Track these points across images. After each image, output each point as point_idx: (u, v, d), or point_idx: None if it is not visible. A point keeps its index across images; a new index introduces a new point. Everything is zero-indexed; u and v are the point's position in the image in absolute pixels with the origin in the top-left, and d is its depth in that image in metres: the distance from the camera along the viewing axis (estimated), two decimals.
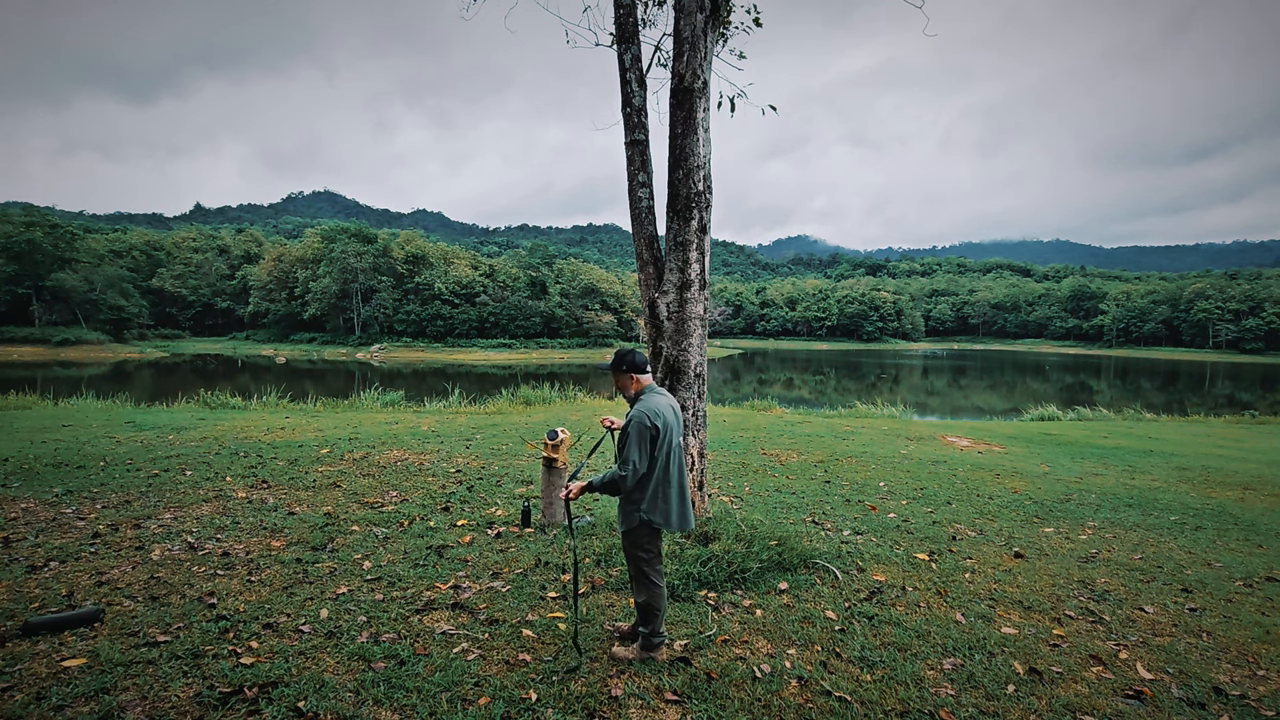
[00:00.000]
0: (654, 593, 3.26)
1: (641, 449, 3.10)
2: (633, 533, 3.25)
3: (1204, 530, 6.14)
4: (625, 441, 3.13)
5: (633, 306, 78.19)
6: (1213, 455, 10.77)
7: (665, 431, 3.16)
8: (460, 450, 8.51)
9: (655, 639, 3.28)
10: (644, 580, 3.26)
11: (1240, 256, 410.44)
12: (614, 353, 3.40)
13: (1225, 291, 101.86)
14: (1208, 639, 3.79)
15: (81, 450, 7.82)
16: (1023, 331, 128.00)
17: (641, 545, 3.26)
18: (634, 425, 3.11)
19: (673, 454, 3.23)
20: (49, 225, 59.55)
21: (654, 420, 3.12)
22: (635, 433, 3.10)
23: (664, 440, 3.16)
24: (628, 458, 3.09)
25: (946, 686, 3.15)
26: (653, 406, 3.18)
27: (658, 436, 3.13)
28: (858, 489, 7.20)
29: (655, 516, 3.20)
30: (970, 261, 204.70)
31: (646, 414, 3.13)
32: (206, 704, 2.79)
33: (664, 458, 3.18)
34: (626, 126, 5.32)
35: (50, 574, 4.11)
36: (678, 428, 3.28)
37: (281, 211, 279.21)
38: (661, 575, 3.32)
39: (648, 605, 3.25)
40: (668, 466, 3.21)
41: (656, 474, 3.18)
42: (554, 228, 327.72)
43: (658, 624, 3.28)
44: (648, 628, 3.29)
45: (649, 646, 3.29)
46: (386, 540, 4.93)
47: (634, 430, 3.10)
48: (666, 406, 3.24)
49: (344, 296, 70.38)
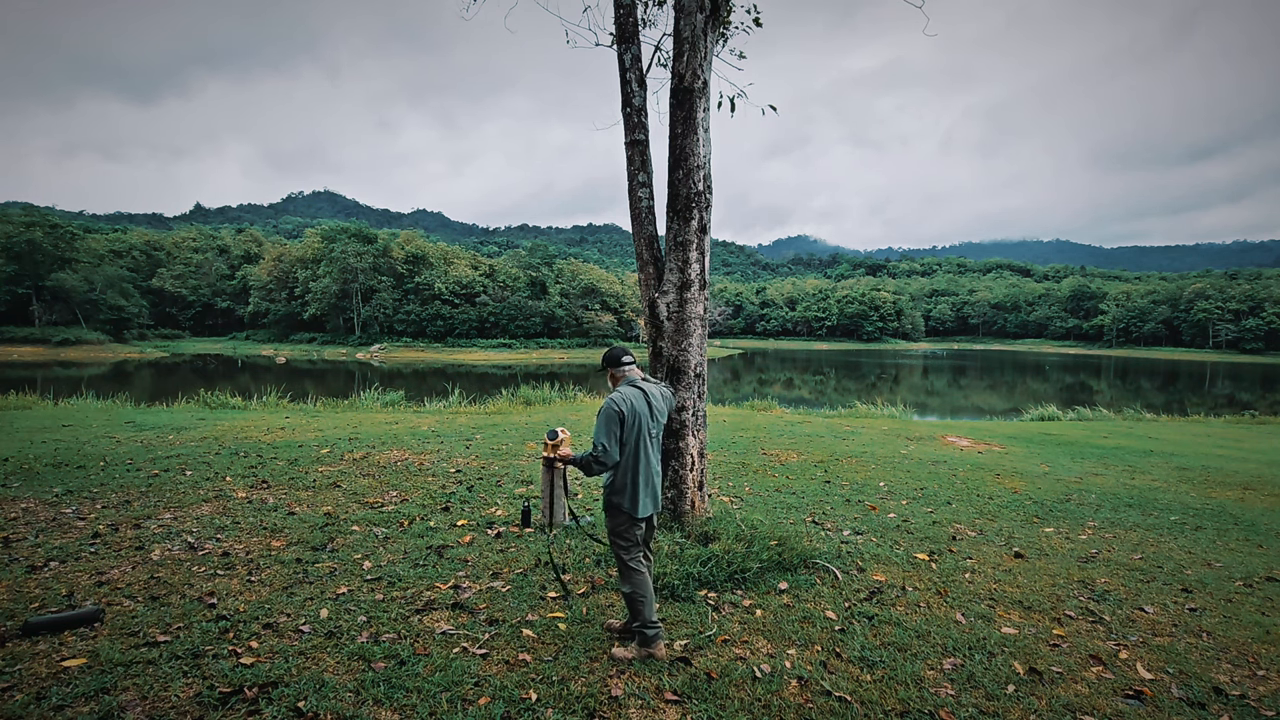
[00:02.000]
0: (636, 580, 3.30)
1: (609, 434, 3.23)
2: (610, 518, 3.38)
3: (1204, 530, 6.14)
4: (596, 426, 3.31)
5: (633, 306, 78.19)
6: (1213, 455, 10.77)
7: (632, 417, 3.29)
8: (460, 450, 8.51)
9: (650, 631, 3.29)
10: (624, 569, 3.33)
11: (1240, 256, 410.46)
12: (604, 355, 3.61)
13: (1225, 291, 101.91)
14: (1208, 639, 3.79)
15: (81, 450, 7.82)
16: (1023, 331, 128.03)
17: (619, 531, 3.36)
18: (602, 411, 3.29)
19: (641, 441, 3.33)
20: (49, 225, 59.56)
21: (619, 406, 3.27)
22: (603, 418, 3.26)
23: (631, 426, 3.28)
24: (595, 440, 3.26)
25: (946, 686, 3.15)
26: (623, 394, 3.35)
27: (624, 421, 3.26)
28: (858, 489, 7.20)
29: (624, 502, 3.32)
30: (970, 261, 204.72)
31: (613, 400, 3.30)
32: (206, 704, 2.79)
33: (632, 444, 3.31)
34: (626, 126, 5.32)
35: (50, 574, 4.11)
36: (648, 416, 3.39)
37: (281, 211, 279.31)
38: (641, 563, 3.38)
39: (632, 595, 3.29)
40: (637, 453, 3.32)
41: (625, 460, 3.31)
42: (554, 228, 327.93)
43: (647, 613, 3.29)
44: (638, 619, 3.30)
45: (645, 640, 3.29)
46: (386, 540, 4.93)
47: (601, 416, 3.28)
48: (636, 395, 3.37)
49: (344, 296, 70.40)
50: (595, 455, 3.23)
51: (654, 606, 3.36)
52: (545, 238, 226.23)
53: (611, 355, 3.52)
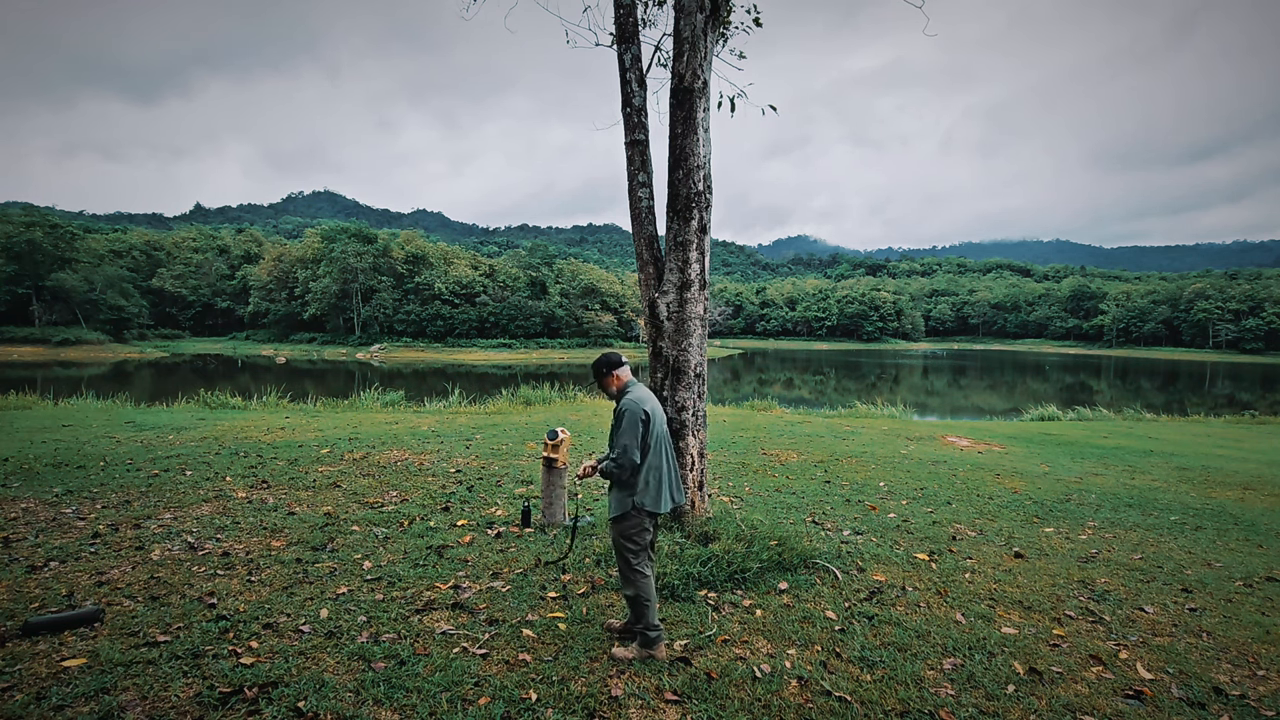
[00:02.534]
0: (641, 584, 3.30)
1: (635, 437, 3.27)
2: (624, 519, 3.34)
3: (1204, 530, 6.14)
4: (618, 429, 3.32)
5: (633, 306, 78.18)
6: (1213, 455, 10.77)
7: (653, 418, 3.36)
8: (460, 450, 8.51)
9: (652, 633, 3.29)
10: (629, 572, 3.32)
11: (1240, 256, 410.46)
12: (595, 362, 3.59)
13: (1225, 291, 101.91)
14: (1208, 639, 3.79)
15: (81, 450, 7.82)
16: (1023, 331, 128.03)
17: (630, 535, 3.34)
18: (627, 415, 3.29)
19: (661, 439, 3.42)
20: (49, 225, 59.56)
21: (644, 407, 3.33)
22: (629, 422, 3.28)
23: (652, 426, 3.35)
24: (621, 443, 3.27)
25: (946, 686, 3.15)
26: (640, 395, 3.40)
27: (649, 423, 3.32)
28: (858, 489, 7.20)
29: (647, 501, 3.32)
30: (970, 262, 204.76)
31: (636, 402, 3.33)
32: (206, 704, 2.78)
33: (655, 443, 3.36)
34: (626, 126, 5.32)
35: (50, 574, 4.11)
36: (662, 415, 3.50)
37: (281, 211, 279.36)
38: (647, 565, 3.39)
39: (636, 598, 3.30)
40: (660, 450, 3.40)
41: (650, 459, 3.34)
42: (554, 228, 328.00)
43: (650, 616, 3.29)
44: (641, 622, 3.31)
45: (647, 643, 3.29)
46: (386, 540, 4.92)
47: (628, 419, 3.29)
48: (650, 395, 3.47)
49: (344, 296, 70.39)
50: (622, 462, 3.26)
51: (657, 609, 3.37)
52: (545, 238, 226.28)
53: (612, 359, 3.52)
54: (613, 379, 3.51)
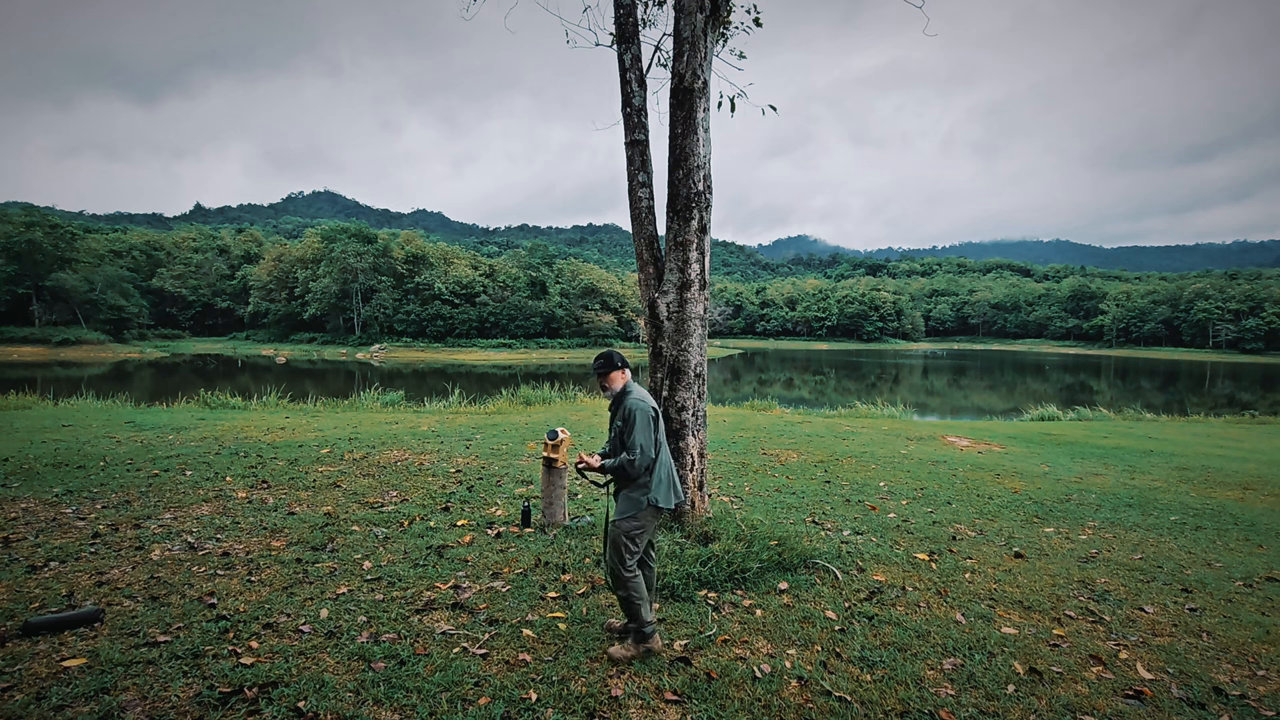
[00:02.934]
0: (632, 584, 3.31)
1: (648, 434, 3.31)
2: (633, 517, 3.34)
3: (1204, 530, 6.14)
4: (631, 429, 3.31)
5: (633, 306, 78.17)
6: (1213, 455, 10.77)
7: (659, 415, 3.45)
8: (460, 450, 8.51)
9: (647, 629, 3.32)
10: (623, 572, 3.32)
11: (1240, 256, 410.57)
12: (600, 356, 3.55)
13: (1225, 291, 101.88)
14: (1208, 639, 3.79)
15: (81, 450, 7.82)
16: (1023, 331, 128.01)
17: (634, 535, 3.34)
18: (639, 413, 3.31)
19: (665, 437, 3.53)
20: (49, 225, 59.54)
21: (651, 403, 3.40)
22: (642, 421, 3.31)
23: (660, 424, 3.45)
24: (637, 443, 3.28)
25: (946, 686, 3.15)
26: (644, 393, 3.47)
27: (657, 420, 3.40)
28: (858, 489, 7.20)
29: (659, 496, 3.35)
30: (970, 261, 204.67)
31: (644, 400, 3.38)
32: (206, 704, 2.78)
33: (662, 440, 3.44)
34: (626, 126, 5.32)
35: (50, 574, 4.11)
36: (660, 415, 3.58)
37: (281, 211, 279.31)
38: (639, 565, 3.44)
39: (629, 599, 3.31)
40: (665, 448, 3.48)
41: (661, 456, 3.40)
42: (554, 228, 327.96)
43: (644, 615, 3.32)
44: (635, 621, 3.33)
45: (642, 638, 3.32)
46: (386, 540, 4.92)
47: (640, 418, 3.31)
48: (648, 396, 3.52)
49: (344, 296, 70.38)
50: (641, 461, 3.28)
51: (650, 606, 3.38)
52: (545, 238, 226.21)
53: (616, 356, 3.52)
54: (618, 376, 3.53)
